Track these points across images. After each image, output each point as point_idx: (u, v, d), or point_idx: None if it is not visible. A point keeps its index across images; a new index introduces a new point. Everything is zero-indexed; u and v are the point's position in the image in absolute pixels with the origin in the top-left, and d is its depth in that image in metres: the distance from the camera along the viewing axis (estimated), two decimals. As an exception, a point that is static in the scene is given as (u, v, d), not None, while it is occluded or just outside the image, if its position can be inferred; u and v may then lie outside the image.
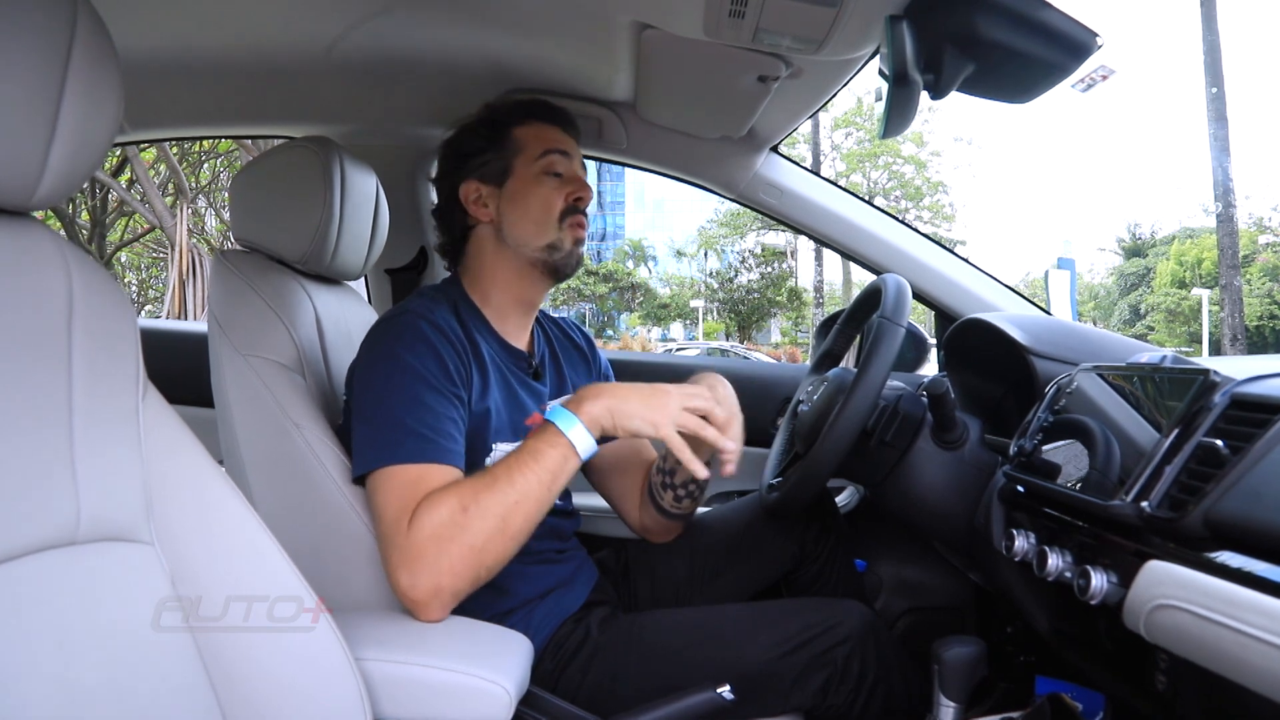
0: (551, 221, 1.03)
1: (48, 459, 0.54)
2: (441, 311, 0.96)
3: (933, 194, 22.98)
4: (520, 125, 1.06)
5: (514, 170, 1.05)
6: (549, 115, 1.08)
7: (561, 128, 1.08)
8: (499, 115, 1.07)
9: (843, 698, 0.93)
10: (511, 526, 0.82)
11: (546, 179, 1.04)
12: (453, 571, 0.80)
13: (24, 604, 0.50)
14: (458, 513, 0.81)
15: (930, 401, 1.06)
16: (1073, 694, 0.93)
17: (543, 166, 1.04)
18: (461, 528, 0.80)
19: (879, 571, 1.42)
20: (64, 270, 0.59)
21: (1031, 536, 0.85)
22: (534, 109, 1.08)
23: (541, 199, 1.04)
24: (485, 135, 1.06)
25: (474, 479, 0.84)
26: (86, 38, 0.56)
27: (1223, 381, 0.69)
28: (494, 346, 1.03)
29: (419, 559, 0.80)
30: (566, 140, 1.07)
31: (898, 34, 0.77)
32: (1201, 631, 0.59)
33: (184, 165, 10.40)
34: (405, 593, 0.80)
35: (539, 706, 0.86)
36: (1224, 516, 0.61)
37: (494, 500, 0.82)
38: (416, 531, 0.80)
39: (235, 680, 0.63)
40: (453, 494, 0.82)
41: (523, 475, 0.83)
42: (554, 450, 0.85)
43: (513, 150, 1.05)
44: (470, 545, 0.80)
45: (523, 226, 1.04)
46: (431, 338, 0.92)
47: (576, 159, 1.08)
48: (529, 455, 0.85)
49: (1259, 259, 21.39)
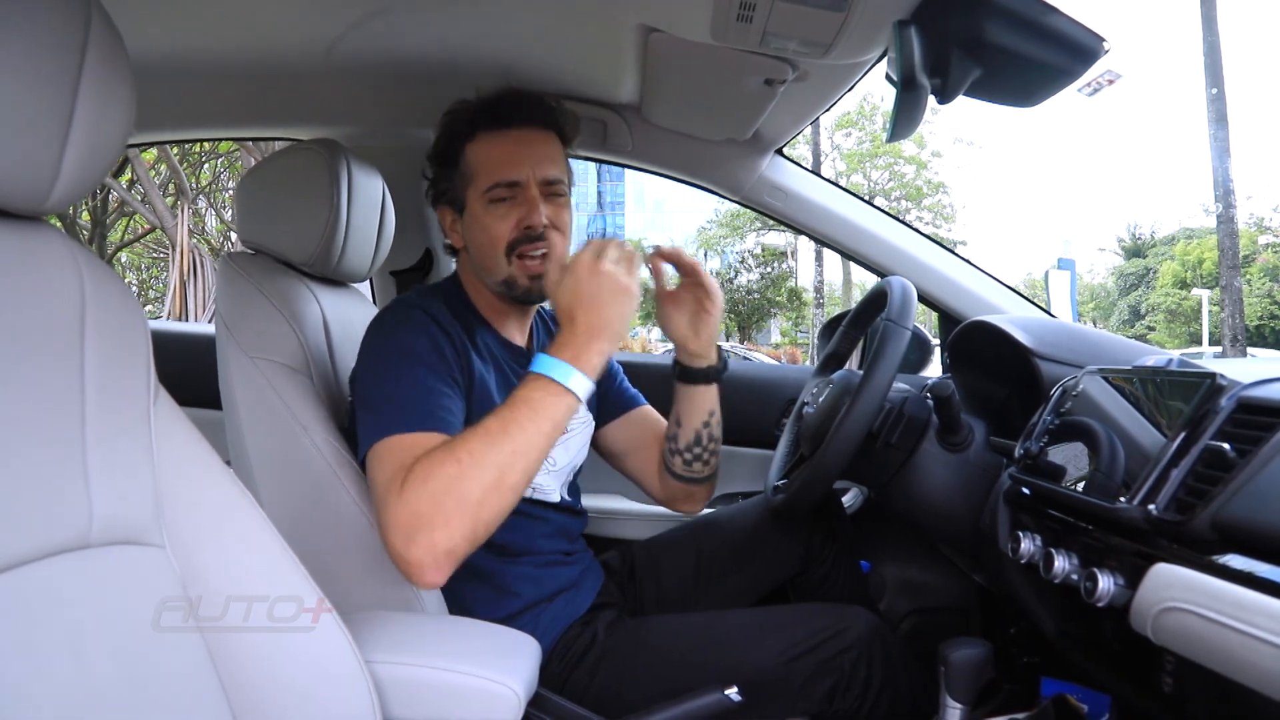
0: (499, 256, 0.98)
1: (61, 462, 0.54)
2: (439, 307, 0.96)
3: (933, 194, 22.97)
4: (469, 142, 1.00)
5: (467, 202, 1.00)
6: (499, 119, 0.99)
7: (522, 125, 0.99)
8: (450, 133, 1.01)
9: (849, 703, 0.93)
10: (509, 479, 0.78)
11: (494, 208, 0.98)
12: (448, 527, 0.76)
13: (37, 608, 0.50)
14: (452, 466, 0.77)
15: (935, 404, 1.07)
16: (1078, 695, 0.93)
17: (489, 197, 0.98)
18: (457, 480, 0.76)
19: (884, 573, 1.43)
20: (76, 274, 0.59)
21: (1037, 538, 0.85)
22: (482, 116, 0.99)
23: (488, 233, 0.98)
24: (440, 160, 1.03)
25: (468, 433, 0.80)
26: (100, 41, 0.56)
27: (1229, 385, 0.69)
28: (492, 340, 1.03)
29: (414, 517, 0.76)
30: (519, 154, 0.98)
31: (905, 38, 0.77)
32: (1208, 634, 0.59)
33: (185, 166, 10.39)
34: (401, 555, 0.76)
35: (547, 708, 0.86)
36: (1231, 519, 0.61)
37: (491, 453, 0.77)
38: (410, 491, 0.77)
39: (246, 683, 0.63)
40: (447, 451, 0.78)
41: (520, 427, 0.79)
42: (552, 399, 0.80)
43: (464, 180, 1.00)
44: (466, 498, 0.76)
45: (480, 260, 1.01)
46: (425, 324, 0.92)
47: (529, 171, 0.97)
48: (526, 406, 0.80)
49: (1259, 259, 21.39)
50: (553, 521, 1.04)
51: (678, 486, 1.15)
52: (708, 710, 0.83)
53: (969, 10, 0.75)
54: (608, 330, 0.84)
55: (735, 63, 1.06)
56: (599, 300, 0.84)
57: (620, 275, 0.85)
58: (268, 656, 0.65)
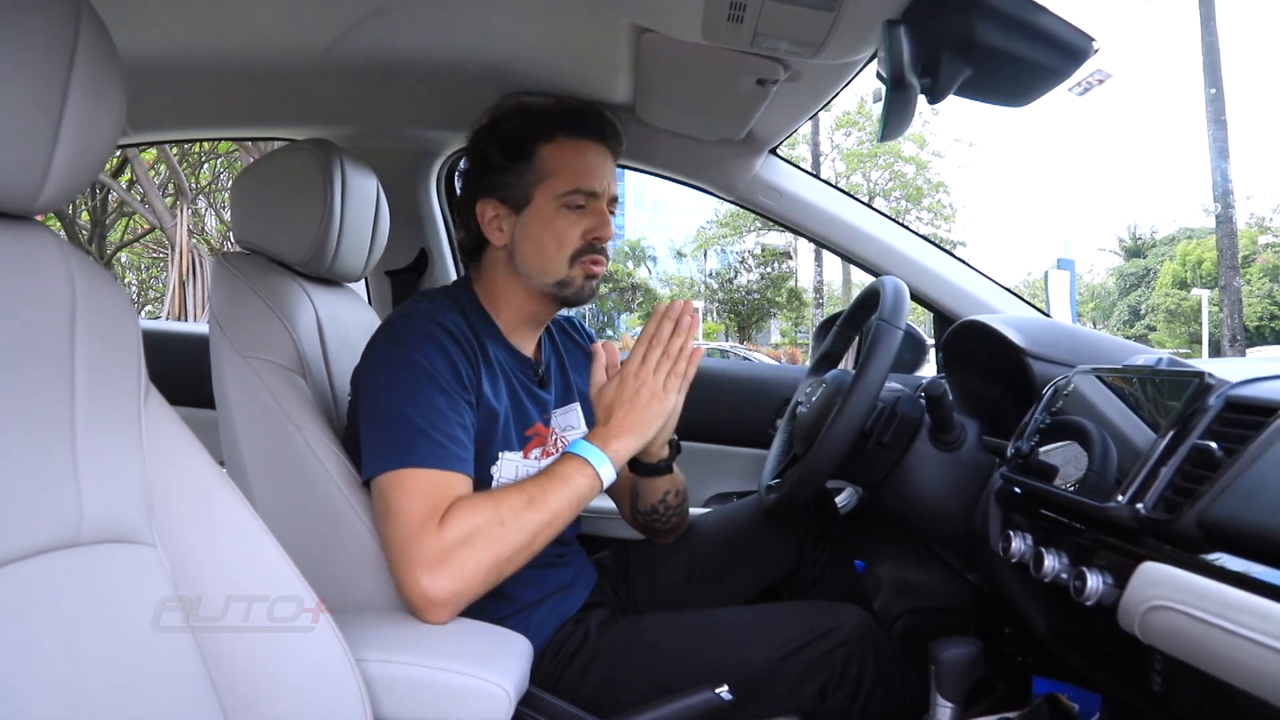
0: (564, 259, 0.99)
1: (51, 461, 0.54)
2: (450, 314, 0.95)
3: (933, 194, 22.96)
4: (547, 143, 0.99)
5: (534, 199, 0.99)
6: (582, 129, 1.01)
7: (597, 140, 1.01)
8: (525, 130, 1.00)
9: (840, 701, 0.93)
10: (536, 543, 0.86)
11: (566, 213, 0.98)
12: (476, 576, 0.81)
13: (27, 606, 0.50)
14: (494, 524, 0.83)
15: (928, 403, 1.07)
16: (1070, 694, 0.94)
17: (565, 201, 0.98)
18: (496, 538, 0.82)
19: (877, 572, 1.43)
20: (67, 274, 0.59)
21: (1028, 538, 0.85)
22: (564, 120, 1.00)
23: (556, 235, 0.99)
24: (508, 154, 1.00)
25: (510, 493, 0.86)
26: (89, 41, 0.56)
27: (1218, 384, 0.69)
28: (502, 352, 1.02)
29: (445, 560, 0.80)
30: (599, 167, 1.00)
31: (895, 38, 0.77)
32: (1195, 633, 0.59)
33: (184, 166, 10.40)
34: (424, 592, 0.80)
35: (538, 707, 0.86)
36: (1218, 518, 0.61)
37: (530, 518, 0.84)
38: (449, 534, 0.81)
39: (237, 681, 0.63)
40: (490, 504, 0.84)
41: (556, 499, 0.86)
42: (584, 480, 0.88)
43: (536, 177, 0.99)
44: (500, 554, 0.83)
45: (535, 260, 1.00)
46: (441, 339, 0.91)
47: (606, 185, 1.00)
48: (561, 481, 0.87)
49: (1259, 259, 21.38)
50: None
51: (642, 528, 1.18)
52: (699, 709, 0.83)
53: (959, 10, 0.75)
54: (639, 431, 0.91)
55: (727, 63, 1.06)
56: (637, 404, 0.91)
57: (659, 384, 0.92)
58: (260, 656, 0.65)
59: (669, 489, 1.11)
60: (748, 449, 1.63)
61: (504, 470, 0.97)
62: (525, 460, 1.00)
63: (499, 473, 0.97)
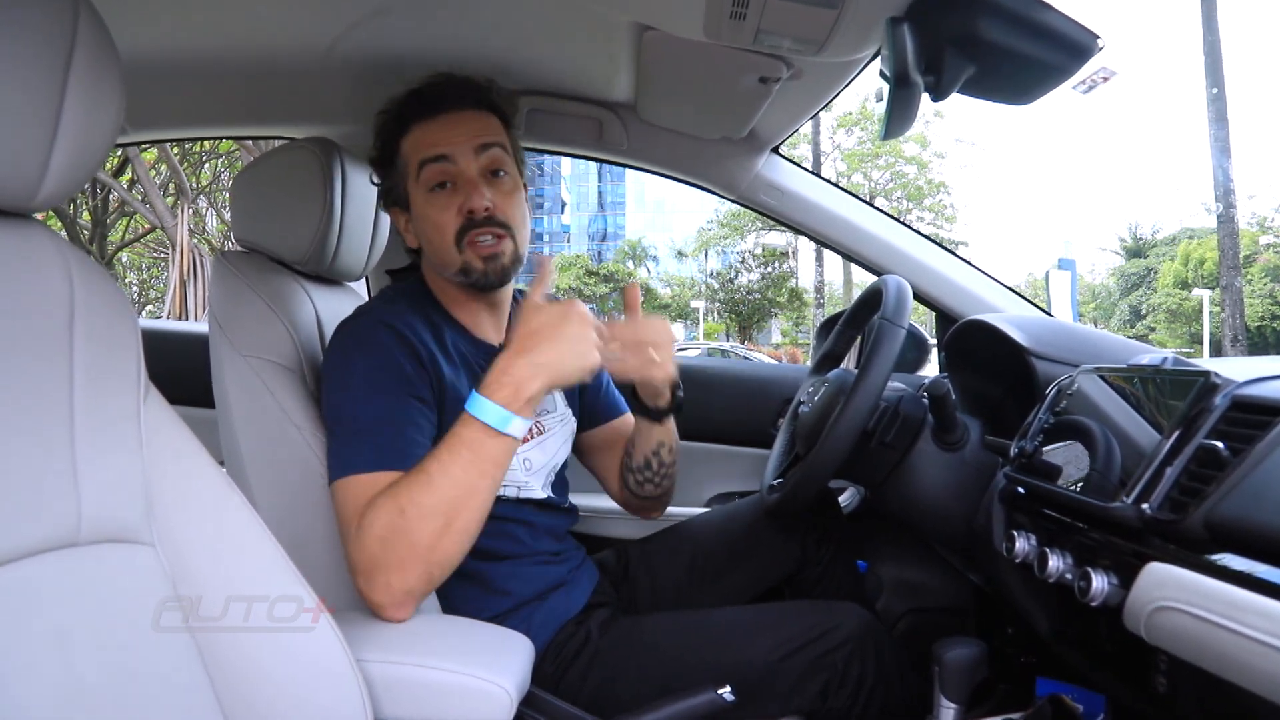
0: (449, 246, 0.95)
1: (49, 461, 0.54)
2: (403, 312, 0.94)
3: (934, 195, 22.95)
4: (404, 135, 0.97)
5: (410, 195, 0.98)
6: (433, 105, 0.96)
7: (454, 109, 0.96)
8: (387, 131, 0.99)
9: (842, 701, 0.93)
10: (458, 522, 0.79)
11: (435, 196, 0.95)
12: (402, 570, 0.77)
13: (25, 606, 0.50)
14: (396, 515, 0.78)
15: (931, 403, 1.06)
16: (1073, 695, 0.93)
17: (425, 184, 0.95)
18: (402, 530, 0.77)
19: (880, 572, 1.42)
20: (65, 272, 0.59)
21: (1032, 538, 0.85)
22: (410, 109, 0.97)
23: (434, 223, 0.95)
24: (382, 161, 1.00)
25: (408, 478, 0.80)
26: (88, 39, 0.56)
27: (1223, 383, 0.69)
28: (462, 341, 1.01)
29: (368, 561, 0.78)
30: (450, 131, 0.95)
31: (898, 36, 0.77)
32: (1201, 633, 0.59)
33: (185, 166, 10.41)
34: (365, 595, 0.79)
35: (540, 707, 0.86)
36: (1224, 518, 0.61)
37: (433, 499, 0.78)
38: (363, 536, 0.78)
39: (236, 681, 0.63)
40: (389, 497, 0.79)
41: (461, 469, 0.78)
42: (485, 438, 0.79)
43: (401, 173, 0.98)
44: (415, 544, 0.77)
45: (432, 256, 0.99)
46: (386, 342, 0.90)
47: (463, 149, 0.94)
48: (463, 446, 0.79)
49: (1260, 259, 21.35)
50: (538, 519, 1.03)
51: (631, 497, 1.16)
52: (701, 710, 0.83)
53: (962, 7, 0.74)
54: (551, 371, 0.81)
55: (729, 60, 1.06)
56: (556, 339, 0.81)
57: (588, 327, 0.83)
58: (260, 655, 0.64)
59: (664, 441, 1.08)
60: (749, 449, 1.62)
61: None
62: None
63: None
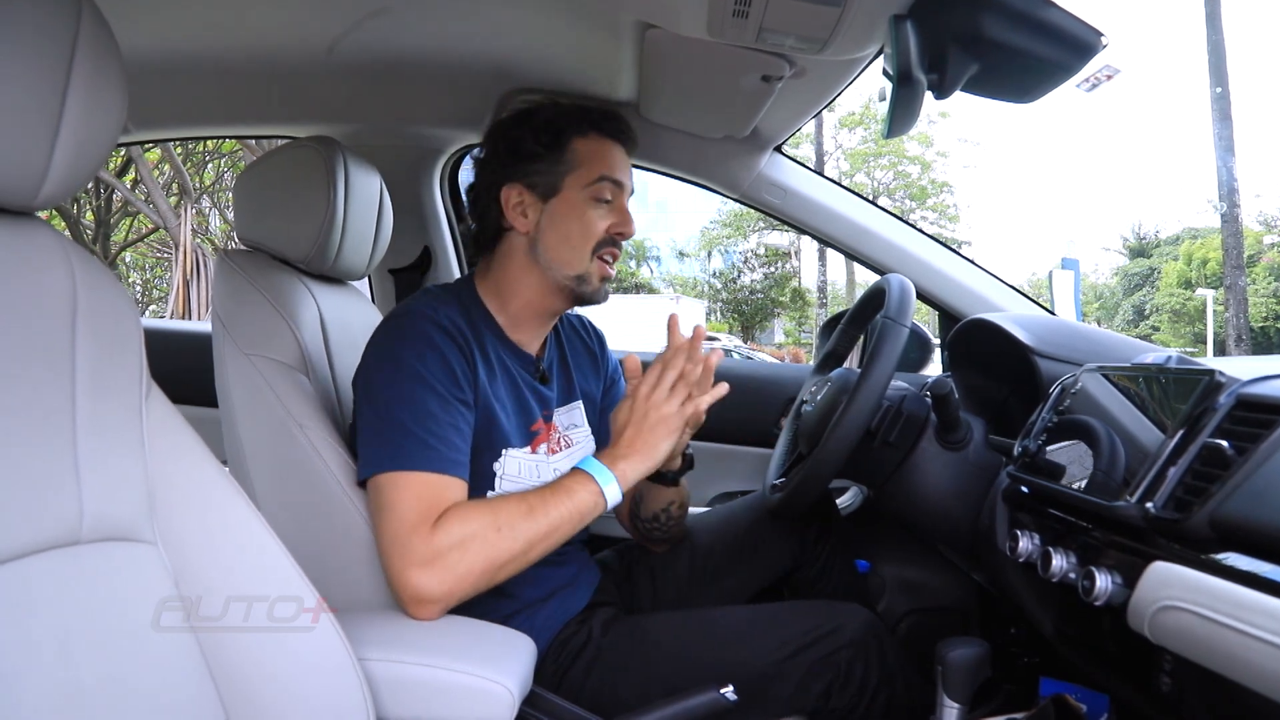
0: (586, 251, 1.00)
1: (51, 459, 0.54)
2: (448, 311, 0.95)
3: (937, 194, 22.89)
4: (582, 137, 1.02)
5: (563, 188, 1.01)
6: (614, 130, 1.04)
7: (622, 144, 1.05)
8: (560, 121, 1.02)
9: (845, 701, 0.93)
10: (533, 553, 0.87)
11: (594, 205, 1.00)
12: (468, 578, 0.83)
13: (27, 603, 0.50)
14: (490, 530, 0.84)
15: (934, 402, 1.06)
16: (1077, 695, 0.93)
17: (593, 192, 1.00)
18: (490, 544, 0.84)
19: (882, 572, 1.42)
20: (67, 270, 0.59)
21: (1035, 537, 0.84)
22: (601, 121, 1.03)
23: (583, 225, 1.00)
24: (544, 141, 1.01)
25: (510, 502, 0.87)
26: (90, 37, 0.56)
27: (1228, 382, 0.69)
28: (502, 349, 1.01)
29: (437, 561, 0.81)
30: (624, 164, 1.04)
31: (902, 33, 0.77)
32: (1206, 633, 0.58)
33: (188, 165, 10.42)
34: (415, 587, 0.81)
35: (542, 707, 0.86)
36: (1229, 518, 0.61)
37: (527, 527, 0.86)
38: (443, 536, 0.82)
39: (238, 680, 0.63)
40: (487, 510, 0.85)
41: (557, 510, 0.87)
42: (588, 496, 0.89)
43: (568, 165, 1.01)
44: (494, 560, 0.84)
45: (558, 250, 1.00)
46: (437, 340, 0.91)
47: (627, 187, 1.04)
48: (565, 494, 0.89)
49: (1265, 258, 21.28)
50: None
51: (638, 534, 1.18)
52: (703, 709, 0.83)
53: (965, 5, 0.74)
54: (645, 453, 0.92)
55: (732, 59, 1.06)
56: (644, 428, 0.93)
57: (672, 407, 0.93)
58: (261, 655, 0.64)
59: (674, 500, 1.12)
60: (752, 448, 1.62)
61: (508, 466, 0.97)
62: (532, 455, 1.00)
63: (502, 469, 0.96)
